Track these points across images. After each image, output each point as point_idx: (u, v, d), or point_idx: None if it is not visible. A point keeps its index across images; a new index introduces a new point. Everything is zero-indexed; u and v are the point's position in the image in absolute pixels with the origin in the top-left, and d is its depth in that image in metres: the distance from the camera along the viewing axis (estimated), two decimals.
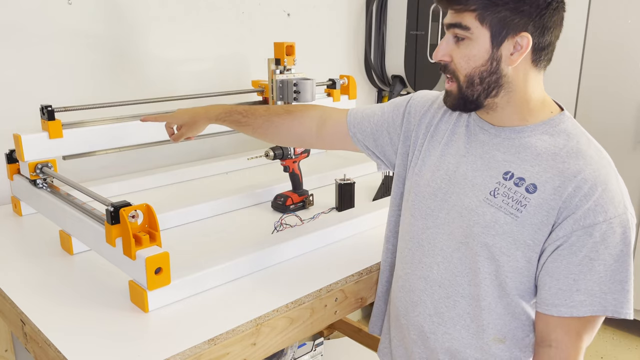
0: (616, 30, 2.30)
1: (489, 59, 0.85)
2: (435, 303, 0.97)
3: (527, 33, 0.83)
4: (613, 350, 2.52)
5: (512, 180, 0.88)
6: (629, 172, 2.35)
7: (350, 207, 1.45)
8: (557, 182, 0.85)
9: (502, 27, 0.83)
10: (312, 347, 2.08)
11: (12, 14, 1.49)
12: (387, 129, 1.08)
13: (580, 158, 0.85)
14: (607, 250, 0.83)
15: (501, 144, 0.91)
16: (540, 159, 0.87)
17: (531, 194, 0.86)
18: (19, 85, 1.53)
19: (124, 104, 1.47)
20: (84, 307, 0.99)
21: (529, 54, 0.86)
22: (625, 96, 2.32)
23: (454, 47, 0.88)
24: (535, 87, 0.89)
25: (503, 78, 0.87)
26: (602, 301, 0.84)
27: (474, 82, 0.88)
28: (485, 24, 0.83)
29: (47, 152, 1.32)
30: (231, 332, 0.92)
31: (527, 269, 0.89)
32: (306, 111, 1.17)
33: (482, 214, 0.89)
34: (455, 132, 0.98)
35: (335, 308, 1.11)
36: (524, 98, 0.89)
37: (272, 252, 1.16)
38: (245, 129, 1.20)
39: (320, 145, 1.20)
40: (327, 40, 2.35)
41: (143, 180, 1.64)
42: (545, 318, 0.89)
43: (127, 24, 1.71)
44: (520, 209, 0.86)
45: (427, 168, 0.99)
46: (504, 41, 0.84)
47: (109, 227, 0.99)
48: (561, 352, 0.88)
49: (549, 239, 0.86)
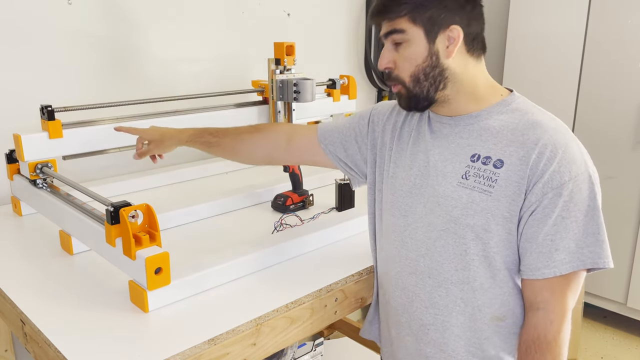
0: (616, 30, 2.30)
1: (428, 54, 0.93)
2: (429, 295, 1.00)
3: (455, 25, 0.92)
4: (613, 350, 2.52)
5: (480, 161, 0.94)
6: (629, 172, 2.35)
7: (350, 207, 1.45)
8: (521, 152, 0.90)
9: (433, 24, 0.91)
10: (312, 347, 2.08)
11: (12, 14, 1.49)
12: (355, 138, 1.13)
13: (537, 127, 0.91)
14: (577, 207, 0.88)
15: (462, 131, 0.97)
16: (501, 136, 0.93)
17: (499, 169, 0.91)
18: (19, 85, 1.53)
19: (124, 104, 1.47)
20: (83, 307, 0.99)
21: (462, 45, 0.93)
22: (625, 96, 2.32)
23: (394, 54, 0.96)
24: (478, 74, 0.97)
25: (446, 71, 0.94)
26: (580, 256, 0.88)
27: (419, 80, 0.94)
28: (417, 23, 0.92)
29: (47, 152, 1.32)
30: (231, 332, 0.92)
31: (509, 240, 0.93)
32: (275, 127, 1.23)
33: (459, 197, 0.94)
34: (419, 131, 1.03)
35: (335, 308, 1.11)
36: (471, 85, 0.96)
37: (272, 252, 1.16)
38: (215, 150, 1.23)
39: (290, 160, 1.24)
40: (327, 40, 2.35)
41: (143, 180, 1.64)
42: (531, 283, 0.93)
43: (127, 24, 1.72)
44: (492, 184, 0.91)
45: (400, 169, 1.04)
46: (437, 36, 0.92)
47: (109, 227, 0.99)
48: (549, 312, 0.92)
49: (523, 207, 0.90)
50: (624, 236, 2.44)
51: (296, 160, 1.25)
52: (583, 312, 0.81)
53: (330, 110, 1.90)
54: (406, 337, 1.06)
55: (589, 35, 2.37)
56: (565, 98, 2.47)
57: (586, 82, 2.42)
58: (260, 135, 1.20)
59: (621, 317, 2.60)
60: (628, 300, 2.50)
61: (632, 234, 2.42)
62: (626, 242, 2.44)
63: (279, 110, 1.67)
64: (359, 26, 2.46)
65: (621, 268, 2.48)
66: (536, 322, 0.93)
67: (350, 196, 1.46)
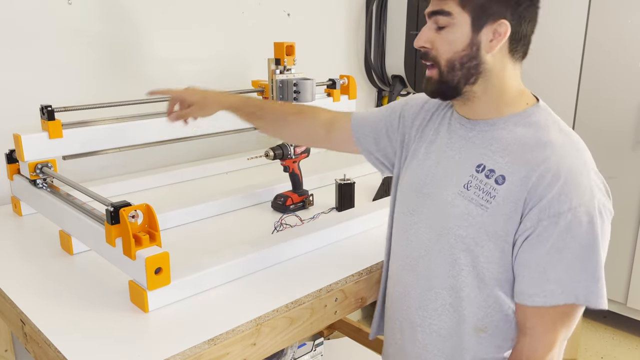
0: (616, 30, 2.30)
1: (469, 44, 0.88)
2: (420, 296, 1.00)
3: (505, 20, 0.86)
4: (613, 350, 2.52)
5: (484, 173, 0.90)
6: (629, 172, 2.35)
7: (350, 207, 1.45)
8: (524, 172, 0.86)
9: (482, 13, 0.86)
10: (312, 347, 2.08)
11: (12, 13, 1.49)
12: (386, 132, 1.12)
13: (547, 148, 0.86)
14: (574, 240, 0.83)
15: (476, 137, 0.94)
16: (510, 150, 0.89)
17: (500, 185, 0.88)
18: (19, 85, 1.53)
19: (124, 104, 1.47)
20: (84, 307, 0.99)
21: (506, 43, 0.88)
22: (625, 96, 2.32)
23: (434, 35, 0.91)
24: (511, 78, 0.91)
25: (482, 65, 0.89)
26: (573, 290, 0.84)
27: (454, 67, 0.90)
28: (466, 9, 0.86)
29: (47, 152, 1.32)
30: (231, 332, 0.92)
31: (501, 259, 0.90)
32: (315, 115, 1.20)
33: (456, 206, 0.92)
34: (439, 130, 1.01)
35: (335, 308, 1.11)
36: (500, 88, 0.91)
37: (272, 252, 1.16)
38: (257, 122, 1.21)
39: (329, 147, 1.24)
40: (327, 40, 2.35)
41: (143, 180, 1.64)
42: (523, 308, 0.90)
43: (127, 24, 1.71)
44: (490, 200, 0.88)
45: (414, 166, 1.03)
46: (484, 27, 0.87)
47: (109, 227, 0.99)
48: (535, 340, 0.90)
49: (519, 230, 0.87)
50: (624, 236, 2.44)
51: (335, 149, 1.23)
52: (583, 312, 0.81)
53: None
54: (397, 334, 1.07)
55: (589, 35, 2.37)
56: (565, 98, 2.47)
57: (586, 82, 2.42)
58: (302, 120, 1.19)
59: (621, 317, 2.60)
60: (628, 300, 2.50)
61: (632, 234, 2.42)
62: (626, 242, 2.44)
63: None
64: (359, 26, 2.46)
65: (621, 268, 2.48)
66: (521, 347, 0.92)
67: (350, 196, 1.46)
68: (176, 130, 1.55)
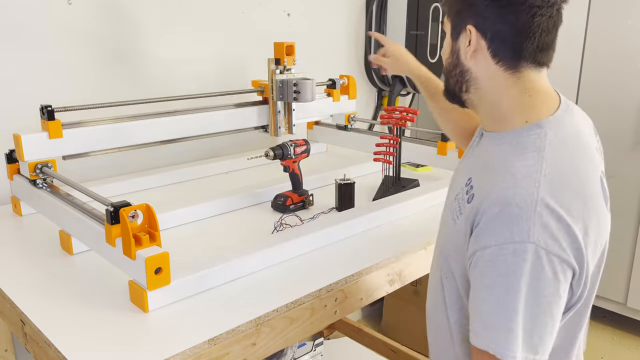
0: (616, 30, 2.30)
1: (451, 51, 0.89)
2: (432, 293, 1.01)
3: (471, 25, 0.83)
4: (613, 350, 2.52)
5: (467, 188, 0.85)
6: (629, 172, 2.35)
7: (350, 207, 1.45)
8: (479, 195, 0.80)
9: (458, 20, 0.87)
10: (312, 347, 2.08)
11: (12, 13, 1.49)
12: None
13: (503, 174, 0.78)
14: (496, 280, 0.74)
15: (478, 149, 0.93)
16: (485, 169, 0.84)
17: (468, 204, 0.82)
18: (19, 85, 1.53)
19: (124, 104, 1.47)
20: (84, 307, 0.99)
21: (486, 49, 0.83)
22: (625, 96, 2.32)
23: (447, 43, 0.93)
24: (507, 90, 0.84)
25: (467, 73, 0.87)
26: (489, 335, 0.75)
27: (449, 74, 0.92)
28: (449, 17, 0.89)
29: (47, 152, 1.32)
30: (231, 332, 0.92)
31: (467, 275, 0.84)
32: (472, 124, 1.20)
33: (445, 214, 0.94)
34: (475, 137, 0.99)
35: (335, 308, 1.11)
36: (492, 100, 0.86)
37: (271, 252, 1.15)
38: (429, 101, 1.28)
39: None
40: (327, 40, 2.35)
41: (143, 180, 1.64)
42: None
43: (127, 24, 1.72)
44: (459, 215, 0.85)
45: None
46: (460, 33, 0.87)
47: (109, 227, 0.99)
48: None
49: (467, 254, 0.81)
50: (624, 236, 2.44)
51: None
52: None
53: (330, 110, 1.91)
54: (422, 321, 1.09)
55: (589, 35, 2.37)
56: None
57: (586, 82, 2.42)
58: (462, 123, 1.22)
59: (621, 317, 2.60)
60: (628, 300, 2.51)
61: (632, 234, 2.42)
62: (626, 242, 2.44)
63: (279, 110, 1.67)
64: (359, 26, 2.46)
65: (621, 268, 2.48)
66: None
67: (350, 196, 1.46)
68: (176, 130, 1.56)
